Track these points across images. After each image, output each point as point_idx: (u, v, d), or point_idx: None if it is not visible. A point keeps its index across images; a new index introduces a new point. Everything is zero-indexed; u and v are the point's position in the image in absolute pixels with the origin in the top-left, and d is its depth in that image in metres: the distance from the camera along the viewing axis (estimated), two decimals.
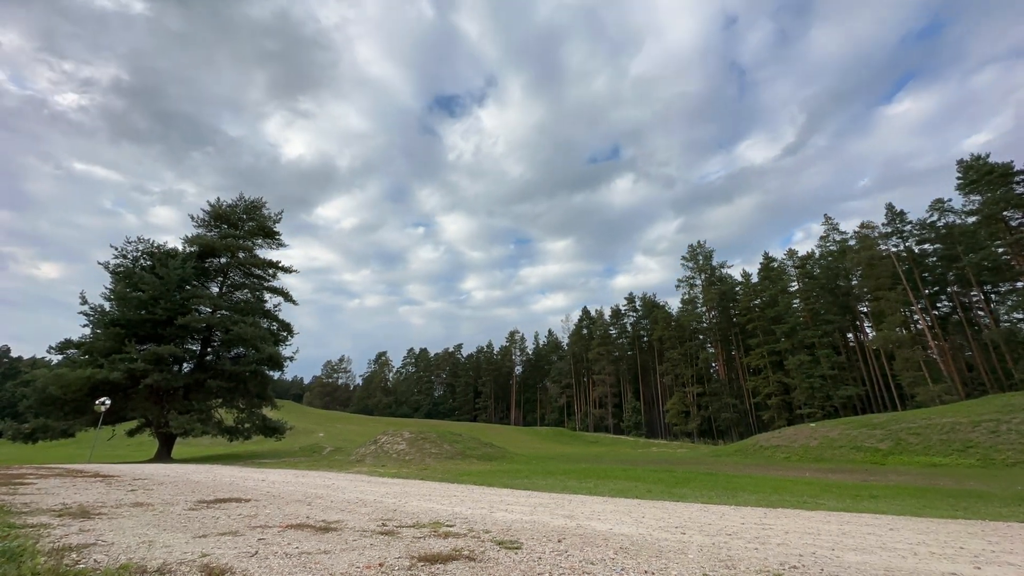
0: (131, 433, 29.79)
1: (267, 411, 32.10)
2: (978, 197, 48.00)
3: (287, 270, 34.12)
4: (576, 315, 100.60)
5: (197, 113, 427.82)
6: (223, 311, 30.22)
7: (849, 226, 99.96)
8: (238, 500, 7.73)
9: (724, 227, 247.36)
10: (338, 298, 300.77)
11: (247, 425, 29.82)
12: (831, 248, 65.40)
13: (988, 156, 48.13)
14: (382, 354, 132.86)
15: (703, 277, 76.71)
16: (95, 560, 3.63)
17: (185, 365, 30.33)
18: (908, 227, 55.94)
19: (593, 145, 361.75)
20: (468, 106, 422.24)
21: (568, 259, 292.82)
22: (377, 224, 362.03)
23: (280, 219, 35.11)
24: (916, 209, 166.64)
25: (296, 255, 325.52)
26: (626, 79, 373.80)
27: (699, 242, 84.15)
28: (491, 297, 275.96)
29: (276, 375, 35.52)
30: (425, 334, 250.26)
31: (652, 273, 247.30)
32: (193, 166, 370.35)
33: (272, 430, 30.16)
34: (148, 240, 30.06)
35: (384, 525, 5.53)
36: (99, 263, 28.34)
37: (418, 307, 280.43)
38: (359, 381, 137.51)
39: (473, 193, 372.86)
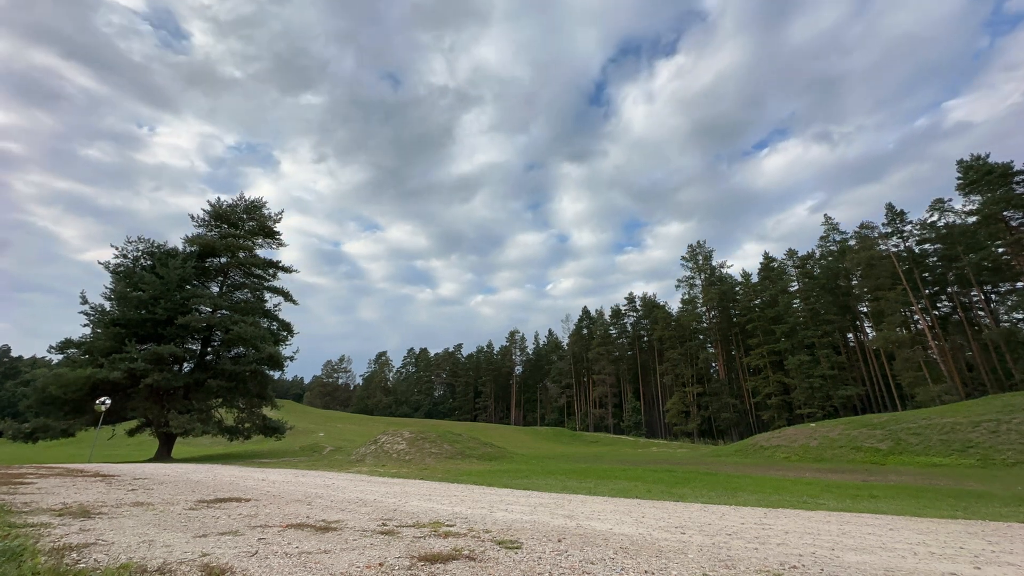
0: (131, 433, 29.80)
1: (267, 411, 32.10)
2: (978, 197, 47.98)
3: (287, 270, 34.15)
4: (576, 315, 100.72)
5: None
6: (223, 311, 30.22)
7: (850, 226, 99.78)
8: (238, 500, 7.73)
9: None
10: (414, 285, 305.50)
11: (247, 425, 29.84)
12: (831, 248, 65.41)
13: (988, 156, 48.15)
14: (382, 354, 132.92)
15: (703, 277, 76.72)
16: (95, 560, 3.63)
17: (185, 365, 30.33)
18: (908, 227, 55.96)
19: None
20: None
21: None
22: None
23: (280, 219, 35.12)
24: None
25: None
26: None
27: (699, 242, 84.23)
28: (580, 286, 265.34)
29: (276, 375, 35.56)
30: (488, 326, 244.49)
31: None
32: None
33: (272, 430, 30.17)
34: (148, 240, 30.10)
35: (384, 525, 5.53)
36: (99, 263, 28.38)
37: (495, 296, 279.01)
38: (359, 381, 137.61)
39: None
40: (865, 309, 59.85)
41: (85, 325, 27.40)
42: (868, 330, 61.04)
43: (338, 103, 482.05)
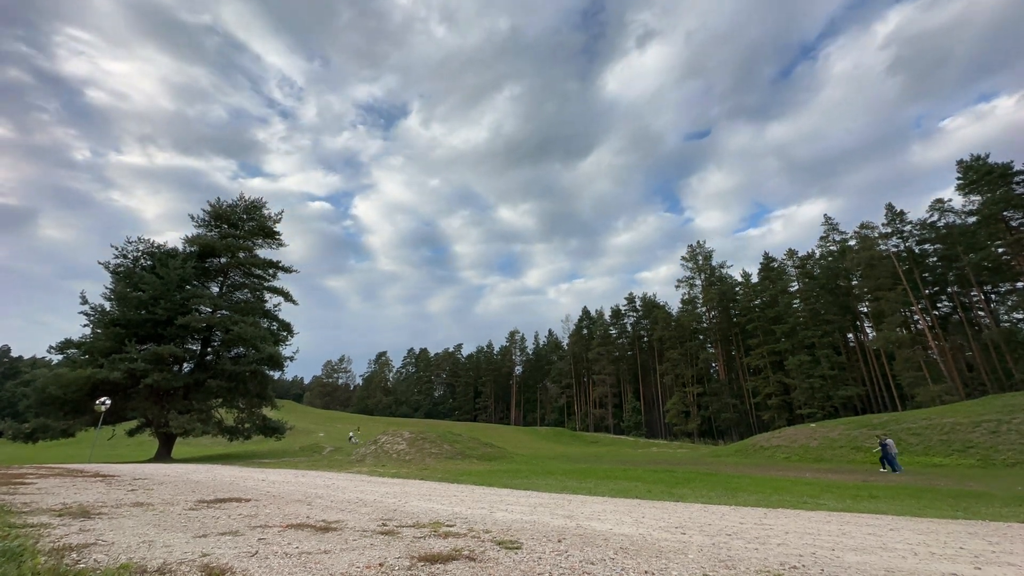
0: (131, 433, 29.80)
1: (267, 411, 32.10)
2: (978, 197, 48.01)
3: (287, 270, 34.14)
4: (577, 315, 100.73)
5: None
6: (223, 311, 30.23)
7: (849, 226, 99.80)
8: (238, 500, 7.73)
9: None
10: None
11: (247, 425, 29.84)
12: (831, 248, 65.41)
13: (988, 156, 48.16)
14: (382, 354, 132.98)
15: (703, 277, 76.74)
16: (95, 560, 3.63)
17: (185, 365, 30.34)
18: (908, 227, 55.96)
19: None
20: None
21: None
22: None
23: (280, 219, 35.12)
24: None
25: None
26: None
27: (699, 242, 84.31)
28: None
29: (276, 375, 35.57)
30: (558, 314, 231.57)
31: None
32: None
33: (272, 430, 30.17)
34: (148, 240, 30.13)
35: (384, 525, 5.53)
36: (99, 263, 28.40)
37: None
38: (359, 381, 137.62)
39: None
40: (865, 309, 59.84)
41: (85, 325, 27.48)
42: (868, 330, 61.03)
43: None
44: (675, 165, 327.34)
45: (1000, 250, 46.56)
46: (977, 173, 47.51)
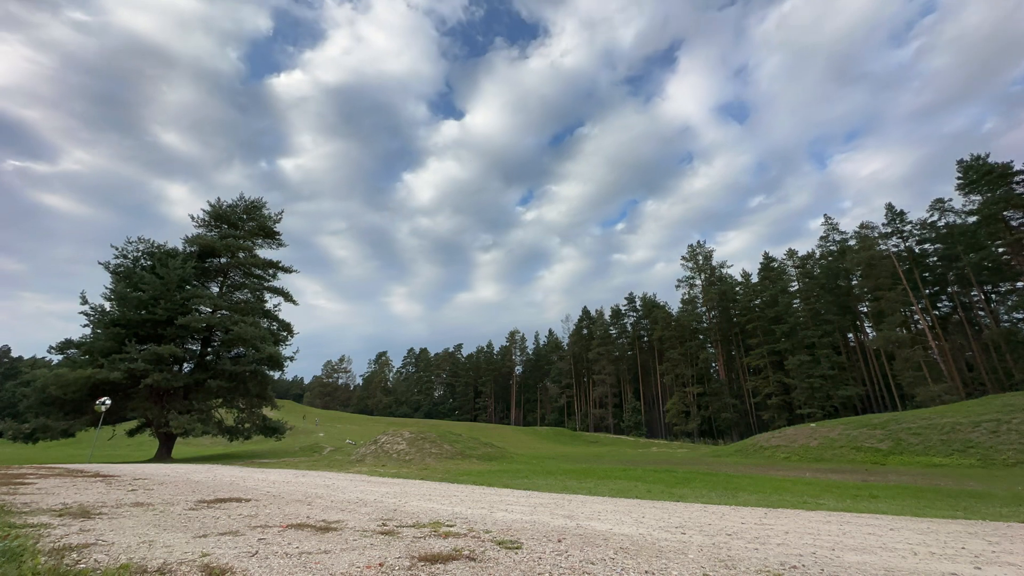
0: (131, 433, 29.79)
1: (267, 411, 32.09)
2: (978, 197, 48.00)
3: (287, 270, 34.12)
4: (577, 315, 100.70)
5: None
6: (223, 311, 30.22)
7: (849, 226, 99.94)
8: (238, 500, 7.73)
9: None
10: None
11: (247, 425, 29.82)
12: (831, 248, 65.40)
13: (988, 156, 48.15)
14: (382, 354, 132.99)
15: (703, 277, 76.72)
16: (95, 560, 3.63)
17: (185, 365, 30.33)
18: (908, 227, 55.98)
19: None
20: None
21: None
22: None
23: (280, 219, 35.12)
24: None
25: None
26: None
27: (699, 242, 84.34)
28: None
29: (276, 375, 35.52)
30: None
31: None
32: None
33: (272, 430, 30.16)
34: (148, 240, 30.09)
35: (384, 525, 5.53)
36: (99, 263, 28.39)
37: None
38: (359, 381, 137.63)
39: None
40: (865, 309, 59.85)
41: (85, 325, 27.41)
42: (868, 330, 61.03)
43: None
44: None
45: (1000, 250, 46.58)
46: (977, 173, 47.50)
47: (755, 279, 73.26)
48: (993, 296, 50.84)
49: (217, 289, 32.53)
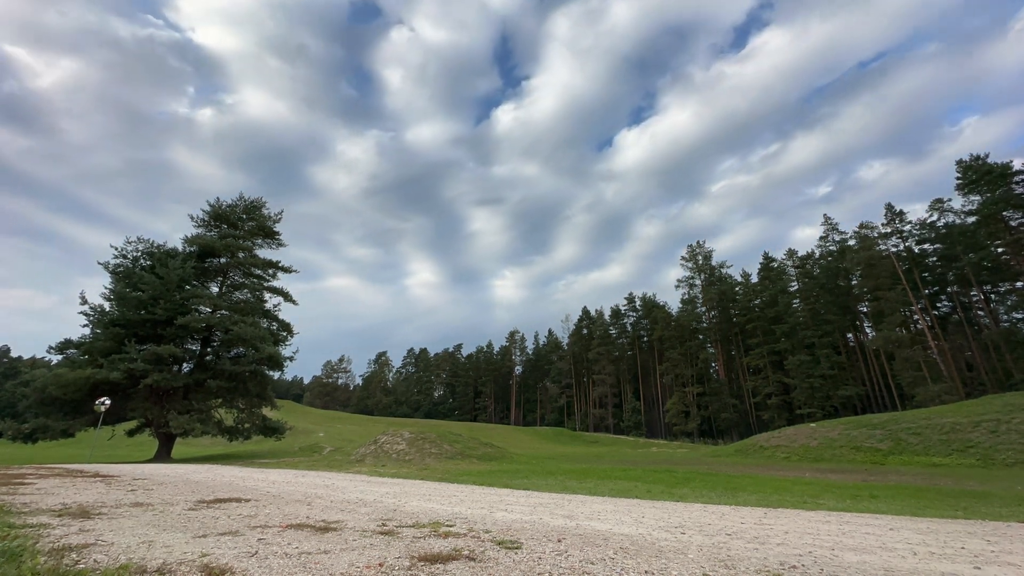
0: (131, 433, 29.77)
1: (267, 411, 32.08)
2: (977, 197, 48.04)
3: (287, 270, 34.13)
4: (577, 314, 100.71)
5: None
6: (223, 311, 30.21)
7: (849, 226, 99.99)
8: (238, 500, 7.72)
9: None
10: None
11: (247, 425, 29.82)
12: (831, 248, 65.45)
13: (987, 156, 48.18)
14: (382, 354, 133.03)
15: (703, 277, 76.76)
16: (95, 560, 3.62)
17: (185, 365, 30.32)
18: (908, 227, 56.04)
19: None
20: None
21: None
22: None
23: (280, 219, 35.12)
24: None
25: None
26: None
27: (698, 242, 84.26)
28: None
29: (276, 375, 35.54)
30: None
31: None
32: None
33: (272, 430, 30.15)
34: (148, 240, 30.10)
35: (384, 525, 5.53)
36: (99, 263, 28.38)
37: None
38: (359, 381, 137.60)
39: None
40: (865, 309, 59.88)
41: (85, 326, 27.44)
42: (868, 330, 61.06)
43: None
44: None
45: (1000, 250, 46.60)
46: (976, 173, 47.53)
47: (755, 279, 73.31)
48: (993, 296, 50.87)
49: (217, 289, 32.53)
